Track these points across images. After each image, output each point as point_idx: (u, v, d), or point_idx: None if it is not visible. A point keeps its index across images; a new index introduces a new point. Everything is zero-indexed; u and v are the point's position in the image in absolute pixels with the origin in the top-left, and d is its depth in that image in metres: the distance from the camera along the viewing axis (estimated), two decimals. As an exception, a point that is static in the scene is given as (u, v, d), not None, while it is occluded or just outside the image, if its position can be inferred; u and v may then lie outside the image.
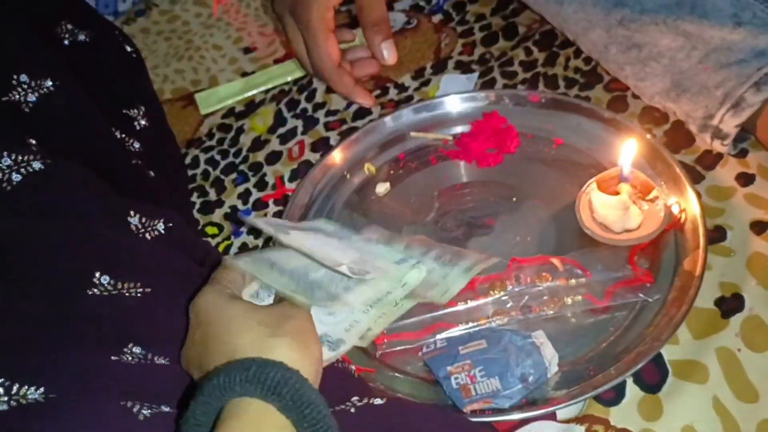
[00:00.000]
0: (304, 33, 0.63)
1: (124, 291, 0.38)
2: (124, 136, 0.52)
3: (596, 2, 0.60)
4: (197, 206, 0.68)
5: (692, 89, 0.56)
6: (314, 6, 0.60)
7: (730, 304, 0.47)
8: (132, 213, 0.43)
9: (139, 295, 0.38)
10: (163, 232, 0.45)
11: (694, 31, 0.55)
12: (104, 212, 0.42)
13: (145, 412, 0.33)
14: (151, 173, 0.52)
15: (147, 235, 0.44)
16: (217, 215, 0.67)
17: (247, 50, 0.87)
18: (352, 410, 0.40)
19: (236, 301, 0.40)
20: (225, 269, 0.43)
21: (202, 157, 0.73)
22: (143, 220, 0.44)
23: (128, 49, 0.60)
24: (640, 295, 0.50)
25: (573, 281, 0.51)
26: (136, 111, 0.55)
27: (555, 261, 0.53)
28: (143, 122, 0.55)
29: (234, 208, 0.67)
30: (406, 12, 0.84)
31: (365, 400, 0.41)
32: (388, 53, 0.63)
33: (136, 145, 0.53)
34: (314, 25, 0.61)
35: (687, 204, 0.52)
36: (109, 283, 0.37)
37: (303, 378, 0.34)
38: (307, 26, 0.61)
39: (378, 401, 0.41)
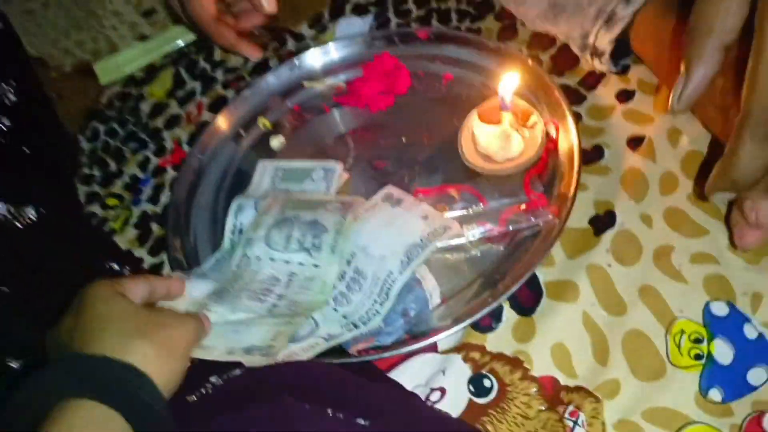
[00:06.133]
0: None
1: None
2: (-10, 115, 0.51)
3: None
4: (97, 179, 0.67)
5: (568, 9, 0.55)
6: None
7: (602, 221, 0.47)
8: None
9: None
10: (35, 219, 0.44)
11: (565, -51, 0.54)
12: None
13: None
14: (26, 149, 0.51)
15: (17, 223, 0.43)
16: (117, 186, 0.66)
17: (147, 13, 0.84)
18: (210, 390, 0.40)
19: (121, 298, 0.39)
20: (132, 278, 0.42)
21: (102, 128, 0.72)
22: (11, 209, 0.43)
23: (-1, 25, 0.58)
24: (532, 219, 0.50)
25: (470, 210, 0.51)
26: (5, 86, 0.54)
27: (452, 190, 0.53)
28: (13, 98, 0.53)
29: (134, 177, 0.66)
30: (304, -42, 0.82)
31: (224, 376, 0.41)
32: (267, 1, 0.62)
33: (6, 122, 0.51)
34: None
35: (564, 127, 0.52)
36: None
37: (147, 381, 0.34)
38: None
39: (237, 372, 0.41)
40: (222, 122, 0.64)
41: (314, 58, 0.66)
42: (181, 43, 0.77)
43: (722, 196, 0.35)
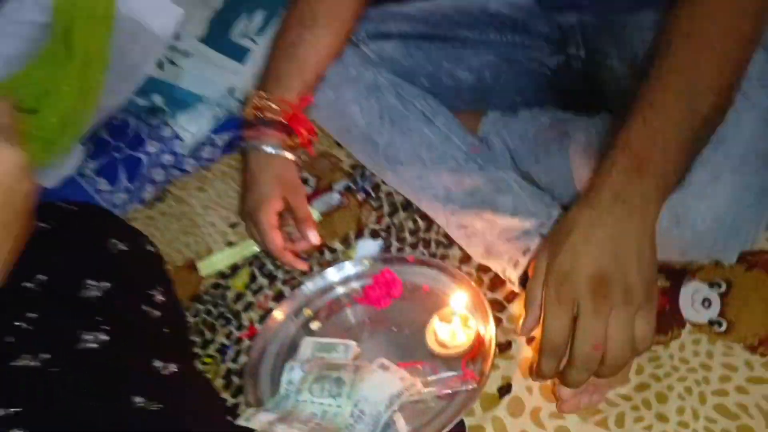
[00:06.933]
0: (258, 230, 1.00)
1: (150, 408, 0.71)
2: (149, 308, 0.88)
3: (435, 200, 0.97)
4: (199, 343, 1.03)
5: (494, 254, 0.91)
6: (261, 214, 0.98)
7: (504, 390, 0.79)
8: (155, 360, 0.78)
9: (156, 409, 0.71)
10: (176, 370, 0.79)
11: (490, 218, 0.91)
12: (138, 361, 0.76)
13: None
14: (166, 330, 0.87)
15: (165, 372, 0.78)
16: (211, 349, 1.01)
17: (233, 225, 1.24)
18: None
19: None
20: None
21: (201, 308, 1.09)
22: (161, 363, 0.78)
23: (150, 248, 0.97)
24: (465, 386, 0.82)
25: (429, 378, 0.84)
26: (155, 291, 0.91)
27: (418, 365, 0.87)
28: (160, 297, 0.90)
29: (222, 344, 1.02)
30: (341, 192, 1.21)
31: None
32: (313, 237, 1.01)
33: (157, 313, 0.88)
34: (263, 227, 0.99)
35: (488, 328, 0.86)
36: (142, 402, 0.70)
37: None
38: (258, 227, 0.99)
39: None
40: (281, 310, 1.00)
41: (342, 271, 1.03)
42: (256, 249, 1.16)
43: (542, 381, 0.68)
